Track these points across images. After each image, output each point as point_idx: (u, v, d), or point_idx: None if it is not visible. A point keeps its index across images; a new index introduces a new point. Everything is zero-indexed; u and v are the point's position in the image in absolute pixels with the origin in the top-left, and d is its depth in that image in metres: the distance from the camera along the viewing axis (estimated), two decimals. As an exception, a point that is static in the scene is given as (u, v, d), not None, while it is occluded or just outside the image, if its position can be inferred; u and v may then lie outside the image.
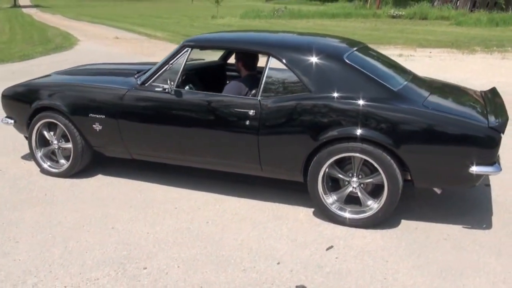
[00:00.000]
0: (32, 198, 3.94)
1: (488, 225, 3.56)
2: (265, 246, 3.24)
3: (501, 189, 4.20)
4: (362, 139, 3.31)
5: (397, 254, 3.15)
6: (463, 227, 3.53)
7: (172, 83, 3.79)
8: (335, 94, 3.42)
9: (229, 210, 3.76)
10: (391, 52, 13.09)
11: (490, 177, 4.43)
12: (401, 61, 11.55)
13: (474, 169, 3.19)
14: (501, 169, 3.24)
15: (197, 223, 3.55)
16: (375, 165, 3.34)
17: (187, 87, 4.08)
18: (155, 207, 3.80)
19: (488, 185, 4.28)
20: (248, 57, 3.99)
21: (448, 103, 3.62)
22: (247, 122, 3.55)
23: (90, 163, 4.39)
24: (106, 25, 25.78)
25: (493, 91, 4.13)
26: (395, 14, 29.76)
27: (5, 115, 4.58)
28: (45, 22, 28.28)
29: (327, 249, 3.22)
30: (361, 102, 3.34)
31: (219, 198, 3.98)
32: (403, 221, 3.61)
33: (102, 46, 15.33)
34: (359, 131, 3.30)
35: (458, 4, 31.21)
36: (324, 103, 3.41)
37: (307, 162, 3.51)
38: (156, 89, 3.82)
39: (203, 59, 4.78)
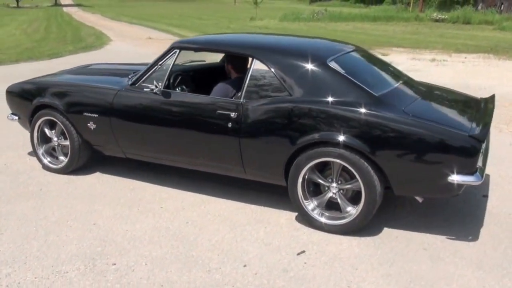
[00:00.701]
0: (28, 192, 4.10)
1: (475, 237, 3.43)
2: (237, 248, 3.25)
3: (499, 200, 4.05)
4: (339, 144, 3.26)
5: (369, 262, 3.09)
6: (447, 237, 3.42)
7: (159, 84, 3.85)
8: (315, 98, 3.39)
9: (212, 212, 3.78)
10: (424, 57, 12.84)
11: (491, 188, 4.28)
12: (431, 66, 11.47)
13: (453, 178, 3.09)
14: (482, 179, 3.12)
15: (177, 223, 3.60)
16: (352, 171, 3.29)
17: (178, 89, 4.15)
18: (142, 206, 3.87)
19: (486, 196, 4.12)
20: (236, 59, 4.01)
21: (431, 110, 3.51)
22: (229, 124, 3.57)
23: (89, 160, 4.52)
24: (143, 25, 26.38)
25: (490, 99, 3.99)
26: (438, 18, 29.04)
27: (10, 111, 4.78)
28: (83, 21, 29.27)
29: (298, 254, 3.19)
30: (339, 106, 3.30)
31: (207, 199, 4.01)
32: (385, 229, 3.54)
33: (132, 46, 15.70)
34: (336, 136, 3.26)
35: (502, 8, 30.14)
36: (303, 107, 3.39)
37: (288, 165, 3.49)
38: (145, 89, 3.90)
39: (204, 61, 4.83)
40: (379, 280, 2.90)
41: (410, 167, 3.20)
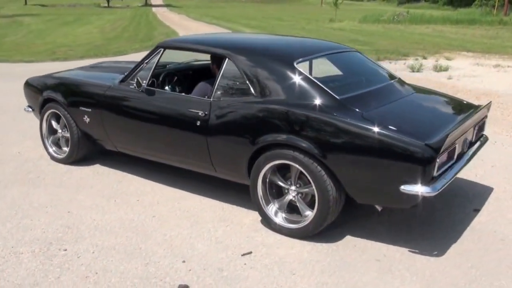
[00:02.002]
0: (26, 179, 4.41)
1: (441, 253, 3.21)
2: (186, 244, 3.29)
3: (490, 216, 3.74)
4: (294, 146, 3.20)
5: (311, 269, 3.00)
6: (410, 250, 3.23)
7: (144, 81, 3.99)
8: (276, 99, 3.35)
9: (183, 208, 3.85)
10: (489, 62, 12.06)
11: (488, 202, 3.98)
12: (491, 72, 10.76)
13: (405, 188, 2.91)
14: (437, 191, 2.91)
15: (144, 216, 3.70)
16: (306, 174, 3.21)
17: (168, 87, 4.27)
18: (120, 198, 4.03)
19: (477, 210, 3.83)
20: (217, 59, 4.04)
21: (397, 116, 3.31)
22: (198, 123, 3.62)
23: (90, 152, 4.75)
24: (220, 25, 27.04)
25: (483, 106, 3.71)
26: (524, 22, 26.96)
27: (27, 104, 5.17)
28: (164, 21, 30.54)
29: (243, 254, 3.17)
30: (296, 108, 3.24)
31: (185, 195, 4.08)
32: (347, 236, 3.41)
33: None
34: (291, 138, 3.20)
35: None
36: (263, 108, 3.37)
37: (251, 166, 3.48)
38: (130, 86, 4.05)
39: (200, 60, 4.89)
40: (312, 287, 2.81)
41: (361, 174, 3.07)
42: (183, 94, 3.90)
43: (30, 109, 5.05)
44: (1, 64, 11.73)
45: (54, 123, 4.78)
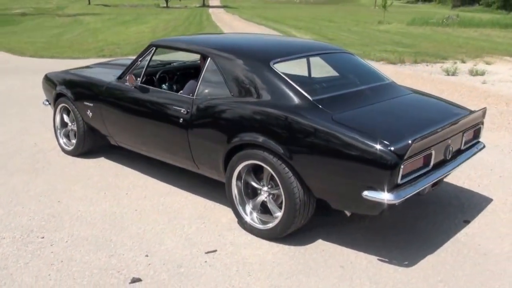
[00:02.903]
0: (32, 168, 4.64)
1: (412, 264, 3.09)
2: (156, 239, 3.35)
3: (479, 229, 3.56)
4: (263, 147, 3.19)
5: (269, 271, 2.98)
6: (380, 259, 3.13)
7: (137, 78, 4.10)
8: (250, 99, 3.36)
9: (167, 204, 3.92)
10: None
11: (482, 214, 3.78)
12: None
13: (367, 193, 2.83)
14: (400, 199, 2.80)
15: (127, 209, 3.81)
16: (274, 175, 3.19)
17: (165, 85, 4.36)
18: (111, 191, 4.16)
19: (467, 221, 3.65)
20: (203, 58, 4.07)
21: (370, 119, 3.19)
22: (180, 120, 3.68)
23: (96, 146, 4.92)
24: (268, 26, 27.12)
25: (474, 112, 3.54)
26: None
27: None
28: (216, 21, 31.02)
29: (207, 252, 3.19)
30: (267, 108, 3.22)
31: (175, 191, 4.15)
32: (319, 241, 3.35)
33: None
34: (260, 139, 3.19)
35: None
36: (236, 107, 3.38)
37: (227, 165, 3.50)
38: (126, 83, 4.17)
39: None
40: (263, 289, 2.80)
41: (326, 177, 3.01)
42: (169, 91, 3.97)
43: (47, 103, 5.30)
44: (50, 60, 12.35)
45: (65, 117, 5.00)
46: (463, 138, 3.43)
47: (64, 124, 5.04)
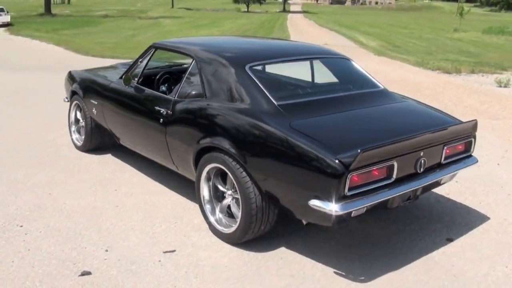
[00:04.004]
0: (40, 162, 4.89)
1: (368, 279, 2.94)
2: (123, 235, 3.41)
3: (461, 248, 3.34)
4: (222, 150, 3.18)
5: (217, 275, 2.95)
6: (335, 272, 3.02)
7: (135, 78, 4.22)
8: (219, 102, 3.36)
9: (149, 202, 3.98)
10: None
11: (472, 233, 3.54)
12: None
13: (313, 203, 2.74)
14: (344, 211, 2.67)
15: (108, 205, 3.92)
16: (232, 180, 3.16)
17: (164, 86, 4.45)
18: (102, 186, 4.29)
19: (450, 240, 3.43)
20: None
21: (333, 127, 3.08)
22: (161, 120, 3.74)
23: (103, 143, 5.08)
24: (338, 32, 26.94)
25: (462, 125, 3.32)
26: None
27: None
28: (289, 26, 31.33)
29: (165, 252, 3.22)
30: (232, 112, 3.21)
31: (163, 191, 4.22)
32: (282, 248, 3.28)
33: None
34: (221, 141, 3.19)
35: None
36: (206, 109, 3.39)
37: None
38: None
39: None
40: (203, 292, 2.78)
41: (277, 184, 2.95)
42: (156, 92, 4.04)
43: (67, 100, 5.57)
44: (110, 60, 12.83)
45: (78, 114, 5.24)
46: (443, 151, 3.22)
47: (77, 121, 5.28)
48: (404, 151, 2.90)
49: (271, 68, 4.20)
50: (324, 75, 3.99)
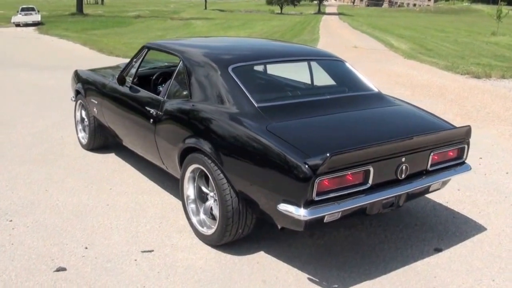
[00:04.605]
0: (44, 159, 5.00)
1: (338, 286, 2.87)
2: (106, 234, 3.44)
3: (445, 260, 3.20)
4: (202, 151, 3.16)
5: (189, 277, 2.93)
6: (308, 278, 2.95)
7: (130, 78, 4.26)
8: (201, 102, 3.36)
9: (141, 202, 4.00)
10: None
11: (464, 244, 3.40)
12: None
13: (282, 207, 2.68)
14: (313, 216, 2.60)
15: (100, 203, 3.96)
16: (211, 181, 3.14)
17: (160, 87, 4.48)
18: (98, 185, 4.34)
19: (438, 250, 3.30)
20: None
21: (310, 130, 3.00)
22: (151, 120, 3.76)
23: (107, 142, 5.17)
24: (370, 35, 26.49)
25: (452, 131, 3.20)
26: None
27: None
28: (321, 28, 31.21)
29: (143, 251, 3.22)
30: (213, 113, 3.20)
31: (156, 190, 4.24)
32: (261, 252, 3.23)
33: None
34: (200, 142, 3.18)
35: None
36: (190, 110, 3.39)
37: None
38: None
39: None
40: (171, 294, 2.77)
41: (249, 186, 2.91)
42: (148, 92, 4.05)
43: (73, 99, 5.68)
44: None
45: (83, 112, 5.33)
46: (429, 158, 3.10)
47: (82, 120, 5.38)
48: (381, 156, 2.81)
49: (272, 70, 4.18)
50: (318, 78, 3.92)
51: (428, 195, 4.14)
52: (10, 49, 16.95)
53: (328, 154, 2.55)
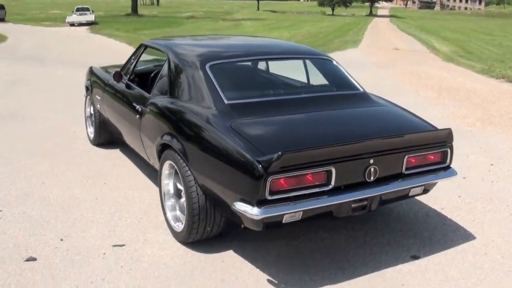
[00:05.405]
0: (50, 152, 5.17)
1: (302, 290, 2.80)
2: (85, 227, 3.51)
3: (418, 268, 3.06)
4: (172, 147, 3.18)
5: (150, 272, 2.94)
6: (268, 279, 2.90)
7: (127, 75, 4.34)
8: (179, 99, 3.39)
9: (130, 197, 4.05)
10: None
11: (442, 253, 3.24)
12: None
13: (236, 205, 2.65)
14: (265, 215, 2.55)
15: (89, 197, 4.05)
16: (181, 178, 3.15)
17: (148, 84, 4.53)
18: (94, 179, 4.44)
19: (415, 257, 3.16)
20: None
21: (276, 129, 2.93)
22: (137, 116, 3.82)
23: (113, 137, 5.29)
24: (415, 36, 25.77)
25: (430, 133, 3.06)
26: None
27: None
28: (369, 29, 30.47)
29: (114, 245, 3.26)
30: (186, 110, 3.23)
31: (149, 186, 4.27)
32: (230, 251, 3.20)
33: (362, 55, 15.76)
34: (171, 139, 3.19)
35: None
36: (167, 107, 3.42)
37: (164, 163, 3.54)
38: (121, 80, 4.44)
39: None
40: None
41: (212, 185, 2.89)
42: (138, 89, 4.11)
43: (85, 95, 5.85)
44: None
45: (92, 108, 5.48)
46: (404, 160, 2.97)
47: (91, 115, 5.52)
48: (344, 157, 2.71)
49: (273, 67, 4.14)
50: (303, 76, 3.85)
51: (423, 201, 4.01)
52: (58, 47, 17.71)
53: (280, 153, 2.49)
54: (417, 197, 3.97)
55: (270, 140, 2.78)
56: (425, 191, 3.27)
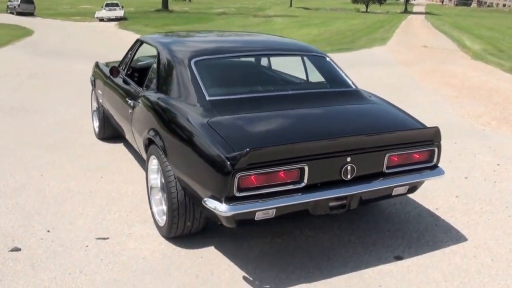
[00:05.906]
0: (55, 145, 5.27)
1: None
2: (73, 219, 3.56)
3: (397, 268, 2.98)
4: (155, 143, 3.19)
5: (127, 266, 2.96)
6: (243, 276, 2.88)
7: (124, 70, 4.38)
8: (166, 95, 3.40)
9: (121, 191, 4.08)
10: None
11: (428, 255, 3.15)
12: None
13: (206, 201, 2.64)
14: (233, 212, 2.54)
15: (84, 190, 4.10)
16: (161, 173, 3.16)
17: (143, 80, 4.55)
18: (93, 173, 4.49)
19: (399, 258, 3.08)
20: None
21: (254, 125, 2.89)
22: (129, 111, 3.85)
23: (117, 131, 5.34)
24: (447, 34, 25.11)
25: (415, 131, 2.97)
26: None
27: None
28: (401, 27, 29.88)
29: (98, 238, 3.30)
30: (169, 106, 3.24)
31: (143, 181, 4.30)
32: (211, 248, 3.19)
33: (390, 53, 15.46)
34: (155, 134, 3.21)
35: None
36: (153, 102, 3.43)
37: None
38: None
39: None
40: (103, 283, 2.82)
41: (187, 180, 2.88)
42: (133, 84, 4.13)
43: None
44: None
45: (96, 103, 5.56)
46: (385, 159, 2.90)
47: (97, 109, 5.60)
48: (317, 154, 2.66)
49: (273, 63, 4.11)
50: (295, 72, 3.80)
51: (418, 200, 3.92)
52: (84, 42, 18.00)
53: (247, 149, 2.46)
54: (412, 197, 3.90)
55: (244, 137, 2.75)
56: (410, 190, 3.18)
